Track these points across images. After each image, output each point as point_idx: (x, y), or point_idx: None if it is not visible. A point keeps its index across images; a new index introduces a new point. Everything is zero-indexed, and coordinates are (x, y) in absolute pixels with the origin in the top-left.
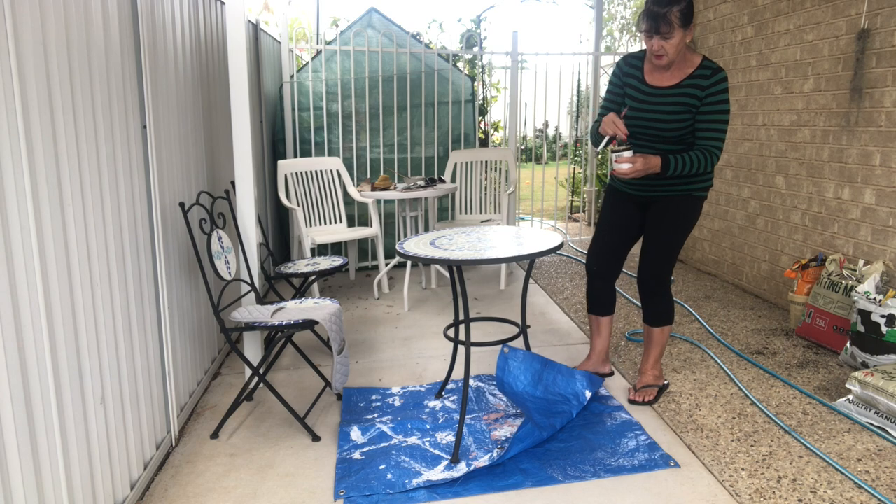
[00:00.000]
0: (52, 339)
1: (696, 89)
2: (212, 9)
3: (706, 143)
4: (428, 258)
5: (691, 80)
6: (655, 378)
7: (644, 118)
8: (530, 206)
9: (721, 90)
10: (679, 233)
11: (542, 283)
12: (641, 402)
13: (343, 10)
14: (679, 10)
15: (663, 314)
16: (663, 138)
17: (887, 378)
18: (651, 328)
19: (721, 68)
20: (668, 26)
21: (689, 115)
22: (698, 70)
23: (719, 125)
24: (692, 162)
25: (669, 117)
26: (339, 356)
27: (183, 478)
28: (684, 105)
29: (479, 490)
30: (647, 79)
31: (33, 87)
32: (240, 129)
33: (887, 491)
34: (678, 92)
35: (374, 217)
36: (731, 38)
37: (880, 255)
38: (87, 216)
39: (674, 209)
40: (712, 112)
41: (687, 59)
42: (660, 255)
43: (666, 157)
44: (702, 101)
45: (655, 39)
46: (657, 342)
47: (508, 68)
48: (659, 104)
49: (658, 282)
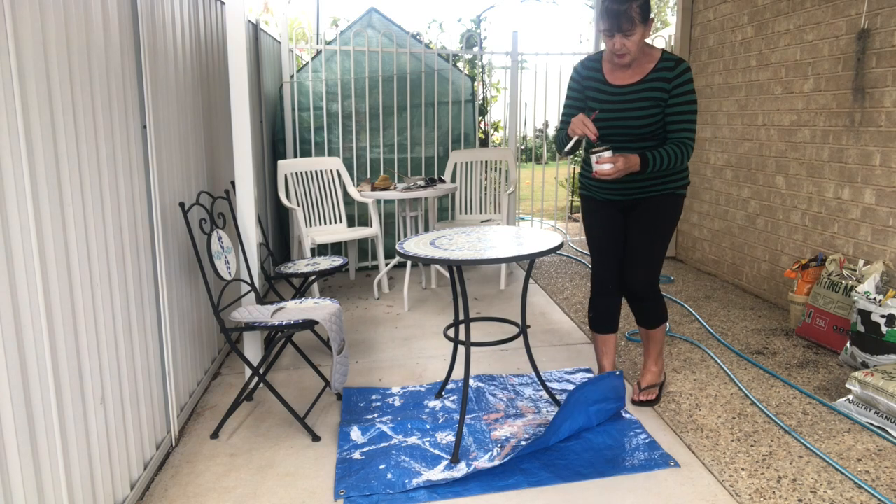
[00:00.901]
0: (52, 339)
1: (662, 82)
2: (212, 9)
3: (679, 136)
4: (428, 258)
5: (656, 74)
6: (657, 375)
7: (612, 118)
8: (530, 206)
9: (687, 80)
10: (663, 235)
11: (542, 283)
12: (646, 401)
13: (343, 10)
14: (638, 6)
15: (658, 315)
16: (635, 136)
17: (887, 378)
18: (647, 330)
19: (683, 59)
20: (629, 23)
21: (659, 110)
22: (661, 63)
23: (689, 116)
24: (669, 156)
25: (639, 114)
26: (339, 356)
27: (183, 478)
28: (652, 100)
29: (479, 490)
30: (609, 79)
31: (33, 87)
32: (240, 129)
33: (887, 491)
34: (644, 87)
35: (374, 217)
36: (731, 38)
37: (880, 255)
38: (87, 216)
39: (654, 210)
40: (681, 104)
41: (646, 53)
42: (648, 260)
43: (644, 155)
44: (669, 93)
45: (617, 38)
46: (656, 340)
47: (508, 68)
48: (626, 102)
49: (651, 287)
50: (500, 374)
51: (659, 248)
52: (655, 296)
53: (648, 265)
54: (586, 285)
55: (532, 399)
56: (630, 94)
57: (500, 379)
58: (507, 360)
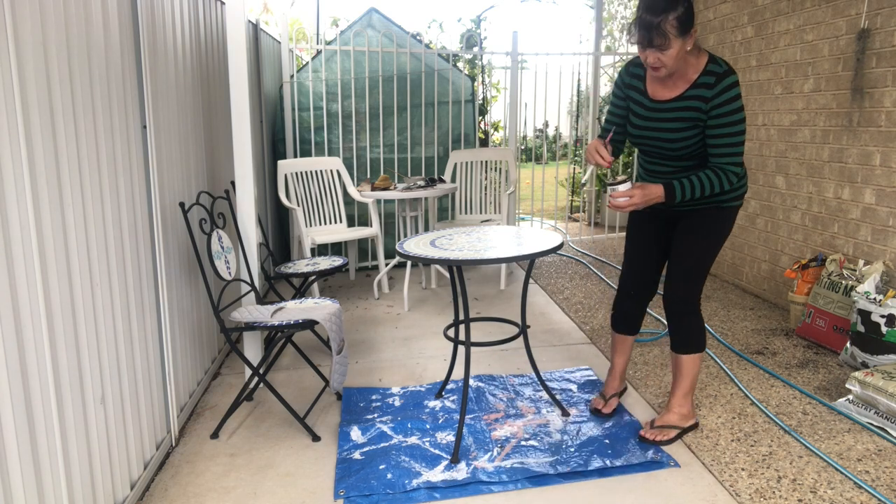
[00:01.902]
0: (52, 339)
1: (699, 101)
2: (212, 9)
3: (718, 162)
4: (428, 258)
5: (694, 91)
6: (681, 418)
7: (649, 137)
8: (530, 206)
9: (729, 98)
10: (707, 249)
11: (542, 283)
12: (652, 441)
13: (343, 10)
14: (676, 18)
15: (692, 340)
16: (673, 156)
17: (887, 378)
18: (678, 356)
19: (729, 70)
20: (662, 38)
21: (697, 131)
22: (702, 77)
23: (731, 139)
24: (702, 184)
25: (674, 135)
26: (339, 356)
27: (183, 478)
28: (688, 120)
29: (478, 490)
30: (649, 90)
31: (33, 87)
32: (240, 129)
33: (887, 491)
34: (680, 106)
35: (374, 217)
36: (731, 38)
37: (880, 255)
38: (87, 216)
39: (699, 223)
40: (721, 125)
41: (690, 63)
42: (686, 274)
43: (671, 185)
44: (707, 113)
45: (650, 51)
46: (686, 373)
47: (508, 68)
48: (661, 120)
49: (685, 303)
50: (500, 374)
51: (699, 264)
52: (690, 313)
53: (685, 280)
54: (587, 285)
55: (532, 399)
56: (666, 113)
57: (500, 379)
58: (507, 360)
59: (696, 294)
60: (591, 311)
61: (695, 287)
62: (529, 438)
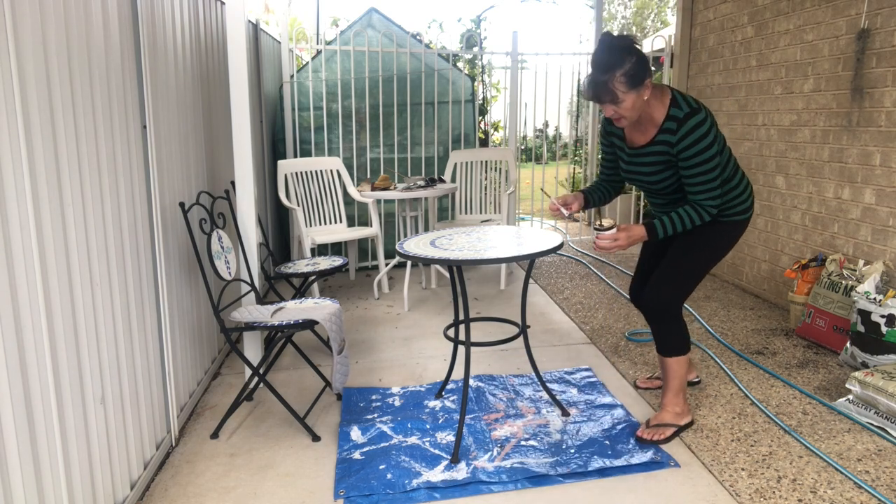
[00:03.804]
0: (52, 339)
1: (665, 145)
2: (212, 9)
3: (694, 198)
4: (428, 258)
5: (661, 136)
6: (675, 416)
7: (635, 178)
8: (530, 206)
9: (694, 140)
10: (694, 260)
11: (542, 283)
12: (649, 440)
13: (343, 10)
14: (623, 74)
15: (671, 344)
16: (660, 192)
17: (887, 378)
18: (663, 358)
19: (692, 111)
20: (611, 95)
21: (672, 171)
22: (665, 123)
23: (703, 176)
24: (682, 220)
25: (653, 178)
26: (339, 356)
27: (183, 478)
28: (662, 163)
29: (478, 490)
30: (627, 136)
31: (33, 88)
32: (240, 129)
33: (887, 491)
34: (652, 150)
35: (374, 217)
36: (731, 38)
37: (880, 255)
38: (87, 216)
39: (696, 234)
40: (691, 165)
41: (655, 107)
42: (668, 280)
43: (651, 225)
44: (676, 156)
45: (606, 106)
46: (673, 374)
47: (508, 68)
48: (640, 164)
49: (663, 310)
50: (500, 374)
51: (683, 273)
52: (669, 321)
53: (664, 284)
54: (586, 285)
55: (532, 399)
56: (643, 157)
57: (500, 379)
58: (507, 360)
59: (676, 301)
60: (591, 311)
61: (675, 294)
62: (529, 438)
